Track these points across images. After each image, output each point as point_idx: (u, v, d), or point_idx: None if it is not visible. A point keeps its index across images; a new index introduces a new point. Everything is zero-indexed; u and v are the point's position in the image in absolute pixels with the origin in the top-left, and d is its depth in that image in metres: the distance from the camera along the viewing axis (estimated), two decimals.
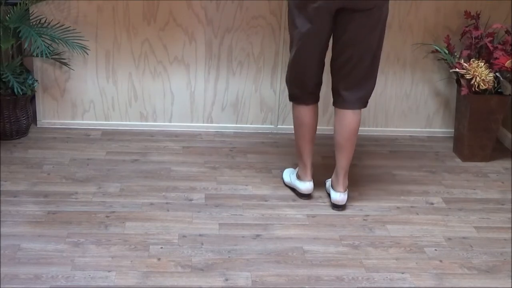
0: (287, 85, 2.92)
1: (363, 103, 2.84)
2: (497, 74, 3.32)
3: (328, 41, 2.74)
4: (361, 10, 2.60)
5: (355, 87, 2.78)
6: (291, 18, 2.71)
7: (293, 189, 3.04)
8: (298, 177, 2.98)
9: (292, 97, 2.89)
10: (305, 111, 2.86)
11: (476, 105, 3.38)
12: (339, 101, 2.83)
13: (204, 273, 2.39)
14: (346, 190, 2.91)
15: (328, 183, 3.02)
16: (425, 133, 3.84)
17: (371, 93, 2.84)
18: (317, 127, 2.94)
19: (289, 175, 3.09)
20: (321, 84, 2.86)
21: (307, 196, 2.98)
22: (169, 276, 2.37)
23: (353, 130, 2.83)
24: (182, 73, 3.62)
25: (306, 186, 2.95)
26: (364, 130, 3.78)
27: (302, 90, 2.84)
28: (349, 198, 2.99)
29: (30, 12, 3.38)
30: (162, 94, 3.66)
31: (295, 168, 3.08)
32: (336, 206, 2.92)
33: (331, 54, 2.79)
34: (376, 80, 2.83)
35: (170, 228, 2.69)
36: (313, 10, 2.59)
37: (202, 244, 2.59)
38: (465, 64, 3.32)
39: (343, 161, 2.87)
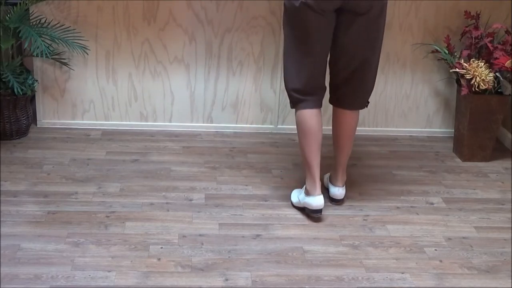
0: (290, 91, 2.76)
1: (363, 104, 2.86)
2: (497, 74, 3.32)
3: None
4: (362, 14, 2.58)
5: (357, 88, 2.78)
6: (295, 19, 2.62)
7: (303, 209, 2.86)
8: (307, 193, 2.78)
9: (299, 101, 2.74)
10: (312, 116, 2.72)
11: (476, 105, 3.38)
12: (340, 101, 2.83)
13: (204, 273, 2.39)
14: (344, 184, 2.95)
15: (326, 177, 3.04)
16: (425, 133, 3.84)
17: (371, 94, 2.86)
18: None
19: (297, 195, 2.91)
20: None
21: (318, 212, 2.77)
22: (169, 276, 2.37)
23: (352, 129, 2.87)
24: (182, 73, 3.62)
25: (316, 201, 2.74)
26: (364, 130, 3.78)
27: (313, 90, 2.73)
28: (349, 198, 3.00)
29: (30, 12, 3.38)
30: (162, 94, 3.66)
31: (301, 188, 2.93)
32: (334, 200, 2.94)
33: (330, 54, 2.77)
34: (375, 80, 2.84)
35: (170, 228, 2.69)
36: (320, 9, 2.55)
37: (202, 244, 2.58)
38: (465, 64, 3.32)
39: (342, 158, 2.91)
